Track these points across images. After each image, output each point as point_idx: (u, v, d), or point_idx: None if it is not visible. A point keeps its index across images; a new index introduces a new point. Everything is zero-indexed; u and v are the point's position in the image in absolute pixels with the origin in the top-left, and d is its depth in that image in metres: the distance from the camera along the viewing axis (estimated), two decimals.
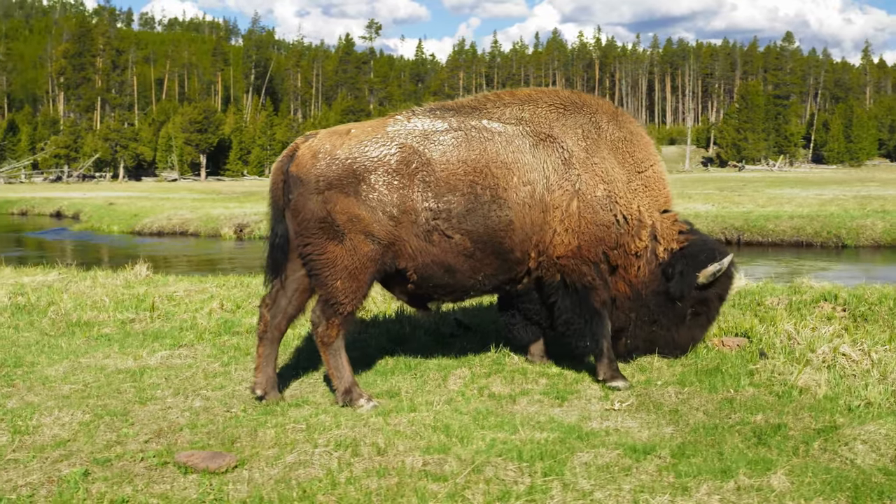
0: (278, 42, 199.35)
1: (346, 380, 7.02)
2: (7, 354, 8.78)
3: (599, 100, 7.90)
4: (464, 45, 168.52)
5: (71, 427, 6.51)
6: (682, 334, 7.97)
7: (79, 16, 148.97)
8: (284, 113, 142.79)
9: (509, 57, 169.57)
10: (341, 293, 6.92)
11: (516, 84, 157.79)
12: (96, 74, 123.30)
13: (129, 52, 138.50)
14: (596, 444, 5.89)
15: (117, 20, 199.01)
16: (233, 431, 6.32)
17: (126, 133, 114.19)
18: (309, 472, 5.49)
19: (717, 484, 5.16)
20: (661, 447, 5.81)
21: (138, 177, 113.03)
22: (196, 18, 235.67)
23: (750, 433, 6.13)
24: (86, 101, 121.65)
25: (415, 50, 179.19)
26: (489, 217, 7.03)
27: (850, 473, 5.36)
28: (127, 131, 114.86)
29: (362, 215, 6.81)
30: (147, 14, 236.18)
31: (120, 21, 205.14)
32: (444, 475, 5.34)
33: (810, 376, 7.36)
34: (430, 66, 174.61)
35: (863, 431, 5.99)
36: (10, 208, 53.64)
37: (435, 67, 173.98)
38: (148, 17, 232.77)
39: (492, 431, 6.16)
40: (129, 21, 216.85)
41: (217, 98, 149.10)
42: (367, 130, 7.12)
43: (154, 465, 5.70)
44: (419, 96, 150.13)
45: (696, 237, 7.86)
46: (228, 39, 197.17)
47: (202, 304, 11.20)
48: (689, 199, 38.04)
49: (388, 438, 6.01)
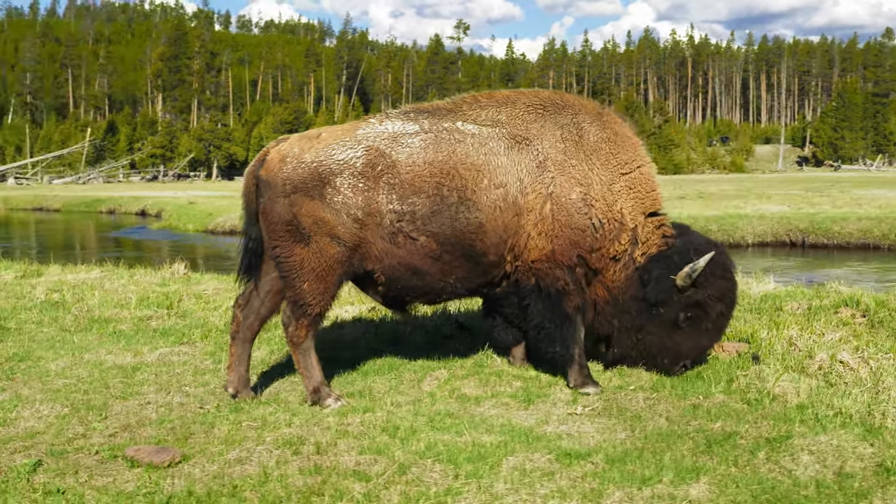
0: (371, 43, 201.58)
1: (316, 379, 7.14)
2: (20, 349, 9.15)
3: (583, 100, 7.82)
4: (554, 45, 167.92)
5: (47, 420, 6.78)
6: (682, 342, 7.59)
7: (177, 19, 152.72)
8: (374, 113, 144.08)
9: (600, 56, 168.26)
10: (309, 295, 7.04)
11: (607, 83, 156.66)
12: (191, 76, 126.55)
13: (223, 54, 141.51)
14: (538, 447, 5.89)
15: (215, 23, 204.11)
16: (191, 427, 6.50)
17: (219, 133, 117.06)
18: (245, 469, 5.62)
19: (633, 491, 5.12)
20: (598, 453, 5.77)
21: (231, 176, 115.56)
22: (291, 20, 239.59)
23: (702, 441, 6.04)
24: (181, 102, 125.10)
25: (505, 49, 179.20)
26: (457, 219, 7.05)
27: (781, 485, 5.26)
28: (220, 132, 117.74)
29: (327, 218, 6.91)
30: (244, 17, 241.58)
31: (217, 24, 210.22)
32: (369, 475, 5.42)
33: (789, 384, 7.19)
34: (520, 66, 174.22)
35: (815, 442, 5.87)
36: (100, 207, 55.44)
37: (525, 67, 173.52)
38: (245, 19, 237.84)
39: (439, 433, 6.20)
40: (226, 24, 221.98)
41: (309, 99, 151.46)
42: (337, 134, 7.22)
43: (105, 458, 5.91)
44: None
45: (680, 240, 7.63)
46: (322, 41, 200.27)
47: (223, 302, 11.45)
48: (766, 200, 37.19)
49: (332, 438, 6.11)
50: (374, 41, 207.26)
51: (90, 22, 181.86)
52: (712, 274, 7.46)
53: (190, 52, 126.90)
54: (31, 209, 59.51)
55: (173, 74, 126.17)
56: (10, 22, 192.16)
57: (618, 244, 7.45)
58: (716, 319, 7.60)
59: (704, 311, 7.52)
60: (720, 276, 7.53)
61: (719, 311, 7.58)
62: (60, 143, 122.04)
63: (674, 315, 7.53)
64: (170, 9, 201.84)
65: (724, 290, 7.56)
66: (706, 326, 7.59)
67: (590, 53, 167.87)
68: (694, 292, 7.45)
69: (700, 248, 7.50)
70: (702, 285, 7.45)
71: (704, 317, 7.54)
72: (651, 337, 7.63)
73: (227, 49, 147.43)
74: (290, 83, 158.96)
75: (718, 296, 7.52)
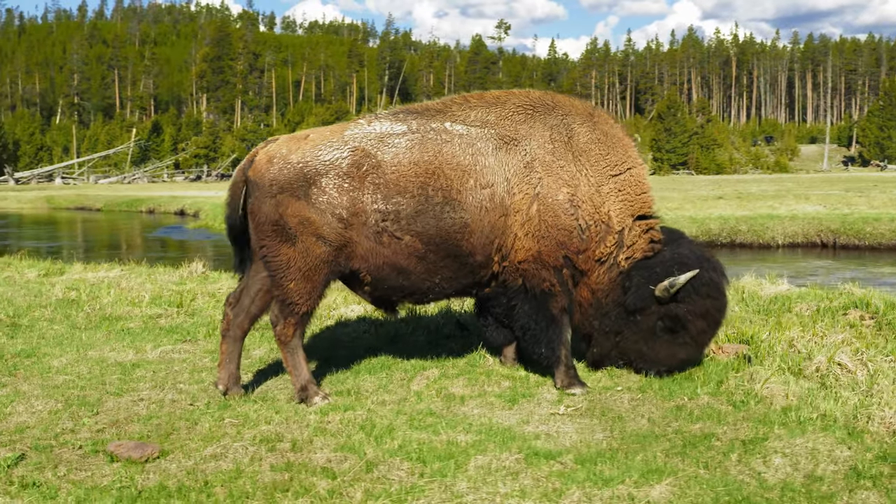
0: (414, 43, 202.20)
1: (303, 377, 7.21)
2: (28, 345, 9.34)
3: (575, 100, 7.81)
4: (596, 44, 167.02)
5: (39, 415, 6.91)
6: (658, 351, 7.53)
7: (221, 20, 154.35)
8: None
9: (643, 55, 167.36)
10: (295, 294, 7.12)
11: (650, 82, 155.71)
12: (234, 77, 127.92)
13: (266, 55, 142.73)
14: (511, 447, 5.90)
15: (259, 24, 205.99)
16: (176, 423, 6.60)
17: (262, 133, 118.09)
18: (219, 465, 5.70)
19: (594, 491, 5.12)
20: (571, 453, 5.79)
21: None
22: (335, 21, 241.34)
23: (678, 442, 6.03)
24: (224, 102, 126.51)
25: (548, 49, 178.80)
26: (442, 219, 7.09)
27: (746, 487, 5.24)
28: (262, 132, 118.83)
29: (313, 218, 6.98)
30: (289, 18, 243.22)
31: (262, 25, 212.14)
32: (336, 472, 5.47)
33: (779, 386, 7.13)
34: (562, 66, 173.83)
35: (790, 444, 5.84)
36: (140, 206, 56.17)
37: (567, 66, 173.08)
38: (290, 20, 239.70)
39: (416, 432, 6.24)
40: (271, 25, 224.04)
41: (352, 99, 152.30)
42: (324, 135, 7.29)
43: (87, 453, 6.01)
44: None
45: (669, 250, 7.55)
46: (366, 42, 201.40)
47: None
48: (803, 200, 36.67)
49: (309, 435, 6.18)
50: (417, 41, 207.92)
51: (136, 23, 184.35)
52: (696, 292, 7.33)
53: (233, 53, 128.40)
54: (73, 208, 60.50)
55: (217, 75, 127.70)
56: (59, 24, 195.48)
57: (603, 246, 7.43)
58: (696, 335, 7.48)
59: (683, 326, 7.41)
60: (706, 295, 7.36)
61: (700, 328, 7.45)
62: (106, 144, 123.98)
63: (651, 324, 7.48)
64: (215, 10, 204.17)
65: (707, 309, 7.40)
66: (684, 340, 7.49)
67: (633, 53, 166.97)
68: (675, 306, 7.36)
69: (687, 263, 7.37)
70: (683, 301, 7.34)
71: (683, 331, 7.44)
72: (628, 342, 7.61)
73: (269, 50, 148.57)
74: (332, 83, 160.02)
75: (700, 313, 7.39)
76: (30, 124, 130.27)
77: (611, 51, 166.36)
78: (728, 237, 27.57)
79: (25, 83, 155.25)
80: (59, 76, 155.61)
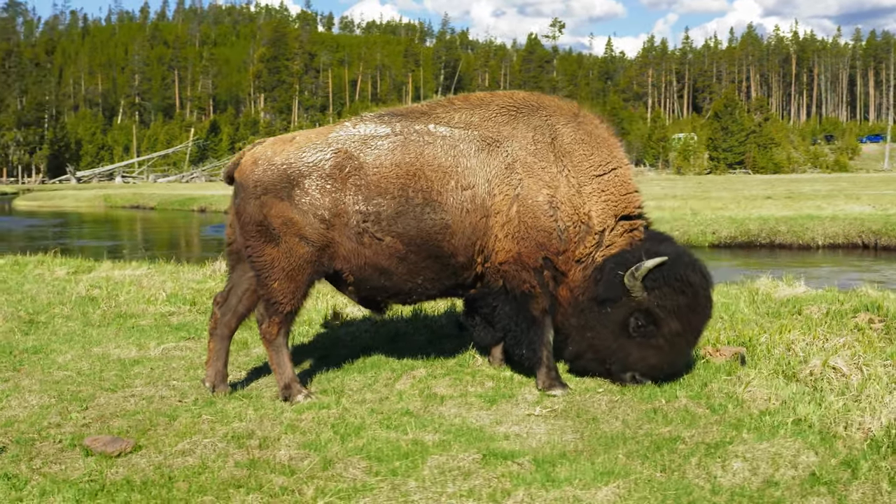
0: (471, 42, 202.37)
1: (287, 375, 7.33)
2: (39, 342, 9.61)
3: (560, 101, 7.82)
4: (653, 42, 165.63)
5: (31, 409, 7.12)
6: (630, 351, 7.34)
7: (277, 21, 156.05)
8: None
9: (701, 53, 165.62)
10: (279, 293, 7.24)
11: (708, 80, 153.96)
12: (290, 77, 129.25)
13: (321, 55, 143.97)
14: (474, 447, 5.95)
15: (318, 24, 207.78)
16: (158, 419, 6.75)
17: None
18: (186, 461, 5.83)
19: (540, 493, 5.15)
20: (532, 454, 5.83)
21: None
22: (392, 21, 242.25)
23: (644, 445, 6.02)
24: (280, 102, 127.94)
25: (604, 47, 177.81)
26: (422, 220, 7.15)
27: (696, 491, 5.23)
28: None
29: (296, 219, 7.10)
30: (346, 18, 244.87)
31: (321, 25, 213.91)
32: (295, 469, 5.57)
33: (763, 390, 7.07)
34: (618, 64, 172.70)
35: (754, 449, 5.80)
36: (192, 205, 57.13)
37: (624, 65, 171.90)
38: (347, 20, 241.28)
39: (386, 431, 6.32)
40: (329, 25, 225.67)
41: (407, 98, 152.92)
42: (310, 137, 7.40)
43: (65, 447, 6.19)
44: (606, 94, 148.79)
45: (646, 244, 7.41)
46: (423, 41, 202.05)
47: None
48: (853, 201, 36.07)
49: (279, 433, 6.29)
50: (474, 41, 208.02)
51: (197, 24, 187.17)
52: (666, 283, 7.16)
53: (289, 54, 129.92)
54: (128, 207, 61.71)
55: (273, 75, 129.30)
56: (122, 26, 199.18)
57: (583, 247, 7.40)
58: (669, 337, 7.25)
59: (655, 324, 7.23)
60: (678, 290, 7.17)
61: (674, 330, 7.22)
62: (166, 143, 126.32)
63: (621, 317, 7.29)
64: (274, 11, 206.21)
65: (679, 305, 7.18)
66: (657, 342, 7.27)
67: (690, 51, 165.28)
68: (645, 298, 7.17)
69: (658, 253, 7.19)
70: (652, 292, 7.17)
71: (655, 330, 7.25)
72: (599, 339, 7.41)
73: (324, 50, 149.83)
74: (388, 83, 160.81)
75: (671, 309, 7.17)
76: (91, 124, 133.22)
77: (668, 48, 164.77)
78: (767, 238, 27.23)
79: (88, 84, 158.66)
80: (121, 77, 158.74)
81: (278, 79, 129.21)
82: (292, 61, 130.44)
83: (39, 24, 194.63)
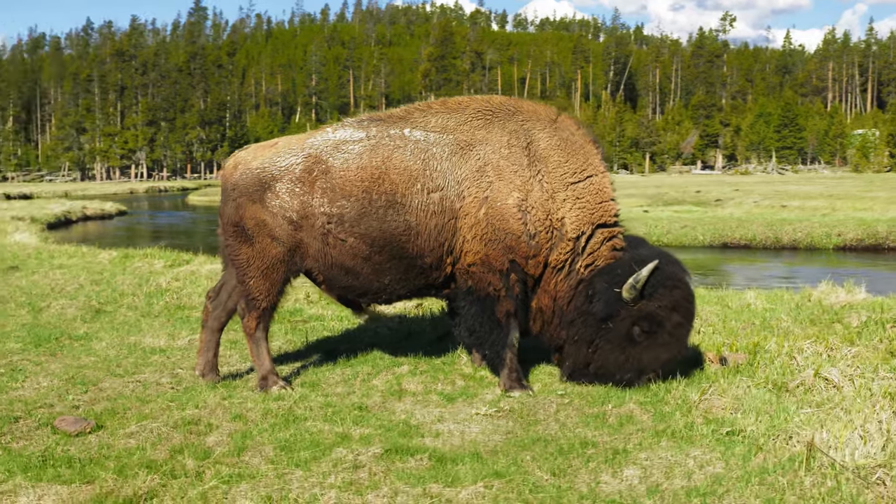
0: (646, 38, 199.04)
1: (265, 367, 7.77)
2: (92, 329, 10.46)
3: (539, 106, 7.92)
4: (834, 34, 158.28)
5: (38, 390, 7.82)
6: (641, 356, 7.40)
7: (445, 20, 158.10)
8: (642, 109, 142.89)
9: (887, 45, 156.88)
10: (255, 290, 7.69)
11: (894, 73, 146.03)
12: (458, 76, 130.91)
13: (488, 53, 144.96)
14: (390, 442, 6.16)
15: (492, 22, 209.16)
16: (133, 403, 7.30)
17: None
18: (128, 442, 6.32)
19: (409, 489, 5.31)
20: (439, 451, 6.00)
21: None
22: (565, 18, 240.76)
23: (562, 447, 6.09)
24: None
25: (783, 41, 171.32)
26: (385, 221, 7.41)
27: (566, 497, 5.26)
28: None
29: (267, 220, 7.52)
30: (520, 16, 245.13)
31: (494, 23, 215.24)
32: (209, 454, 5.94)
33: (721, 399, 7.01)
34: (797, 58, 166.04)
35: (657, 457, 5.83)
36: None
37: (803, 59, 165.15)
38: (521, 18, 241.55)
39: (322, 423, 6.62)
40: (502, 23, 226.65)
41: (576, 95, 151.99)
42: (290, 142, 7.80)
43: (40, 425, 6.79)
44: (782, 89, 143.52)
45: (626, 253, 7.51)
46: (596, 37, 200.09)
47: (296, 293, 12.17)
48: None
49: (223, 420, 6.71)
50: (649, 36, 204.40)
51: (373, 25, 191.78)
52: (662, 284, 7.31)
53: (456, 53, 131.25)
54: None
55: (441, 74, 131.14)
56: (303, 28, 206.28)
57: (557, 253, 7.49)
58: (673, 330, 7.37)
59: (659, 323, 7.33)
60: (671, 287, 7.35)
61: (676, 322, 7.37)
62: None
63: (626, 329, 7.37)
64: (449, 10, 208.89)
65: (676, 300, 7.36)
66: (664, 339, 7.37)
67: (875, 43, 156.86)
68: (644, 304, 7.30)
69: (644, 259, 7.32)
70: (651, 296, 7.30)
71: (660, 329, 7.35)
72: (605, 353, 7.47)
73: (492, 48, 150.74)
74: (557, 80, 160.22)
75: (671, 306, 7.34)
76: (270, 123, 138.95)
77: (850, 41, 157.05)
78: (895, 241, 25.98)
79: (269, 84, 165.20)
80: (300, 76, 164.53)
81: (445, 77, 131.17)
82: (459, 60, 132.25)
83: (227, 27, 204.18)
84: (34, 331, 10.30)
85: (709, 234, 28.70)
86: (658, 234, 28.96)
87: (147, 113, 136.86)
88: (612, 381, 7.54)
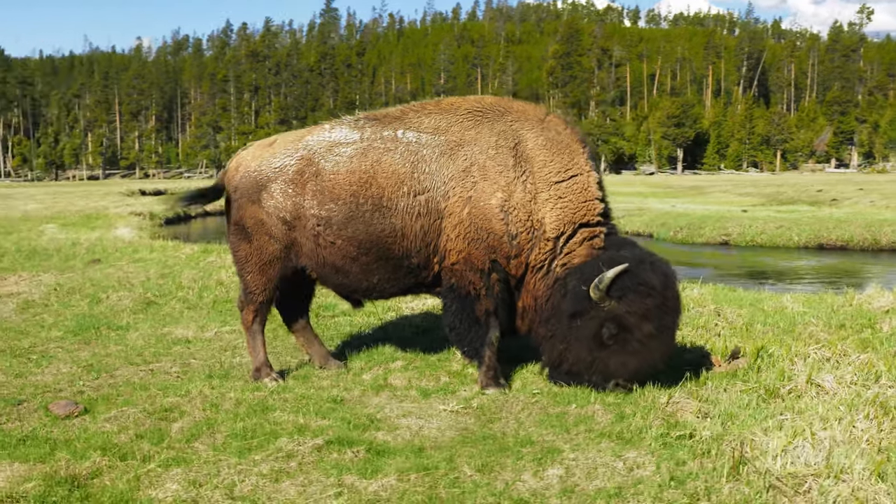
0: (784, 32, 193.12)
1: (259, 359, 8.10)
2: (136, 319, 11.06)
3: (528, 106, 7.96)
4: None
5: (56, 376, 8.36)
6: (608, 360, 7.32)
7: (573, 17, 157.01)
8: (775, 105, 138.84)
9: None
10: (253, 285, 8.04)
11: None
12: (583, 72, 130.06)
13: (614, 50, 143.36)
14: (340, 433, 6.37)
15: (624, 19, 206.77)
16: (128, 390, 7.72)
17: (607, 128, 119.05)
18: (104, 426, 6.71)
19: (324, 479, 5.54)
20: (363, 443, 6.19)
21: (618, 170, 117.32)
22: (699, 13, 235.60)
23: (505, 444, 6.21)
24: (572, 98, 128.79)
25: None
26: (371, 224, 7.62)
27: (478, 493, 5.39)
28: (608, 126, 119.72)
29: (264, 220, 7.84)
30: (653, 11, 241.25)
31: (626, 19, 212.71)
32: (164, 439, 6.29)
33: (689, 402, 6.97)
34: None
35: (583, 458, 5.92)
36: None
37: None
38: (654, 14, 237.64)
39: (288, 415, 6.87)
40: (634, 19, 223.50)
41: (707, 91, 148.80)
42: (287, 141, 8.08)
43: (37, 408, 7.27)
44: None
45: (606, 252, 7.46)
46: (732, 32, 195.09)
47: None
48: None
49: (195, 409, 7.02)
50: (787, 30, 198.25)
51: (502, 23, 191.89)
52: (633, 290, 7.19)
53: (581, 50, 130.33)
54: None
55: (566, 71, 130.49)
56: (434, 27, 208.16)
57: (537, 252, 7.55)
58: (644, 339, 7.22)
59: (627, 329, 7.23)
60: (644, 294, 7.19)
61: (647, 332, 7.21)
62: None
63: (594, 329, 7.31)
64: (580, 6, 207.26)
65: (647, 308, 7.19)
66: (633, 347, 7.26)
67: None
68: (614, 306, 7.21)
69: (614, 261, 7.24)
70: (620, 300, 7.20)
71: (628, 335, 7.24)
72: (574, 351, 7.44)
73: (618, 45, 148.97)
74: (688, 76, 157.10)
75: (641, 313, 7.19)
76: None
77: None
78: None
79: (398, 83, 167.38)
80: (428, 75, 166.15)
81: (570, 74, 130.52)
82: (585, 57, 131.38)
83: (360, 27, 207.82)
84: (82, 320, 10.93)
85: (804, 234, 27.68)
86: (752, 235, 28.22)
87: (279, 112, 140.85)
88: (582, 382, 7.51)
